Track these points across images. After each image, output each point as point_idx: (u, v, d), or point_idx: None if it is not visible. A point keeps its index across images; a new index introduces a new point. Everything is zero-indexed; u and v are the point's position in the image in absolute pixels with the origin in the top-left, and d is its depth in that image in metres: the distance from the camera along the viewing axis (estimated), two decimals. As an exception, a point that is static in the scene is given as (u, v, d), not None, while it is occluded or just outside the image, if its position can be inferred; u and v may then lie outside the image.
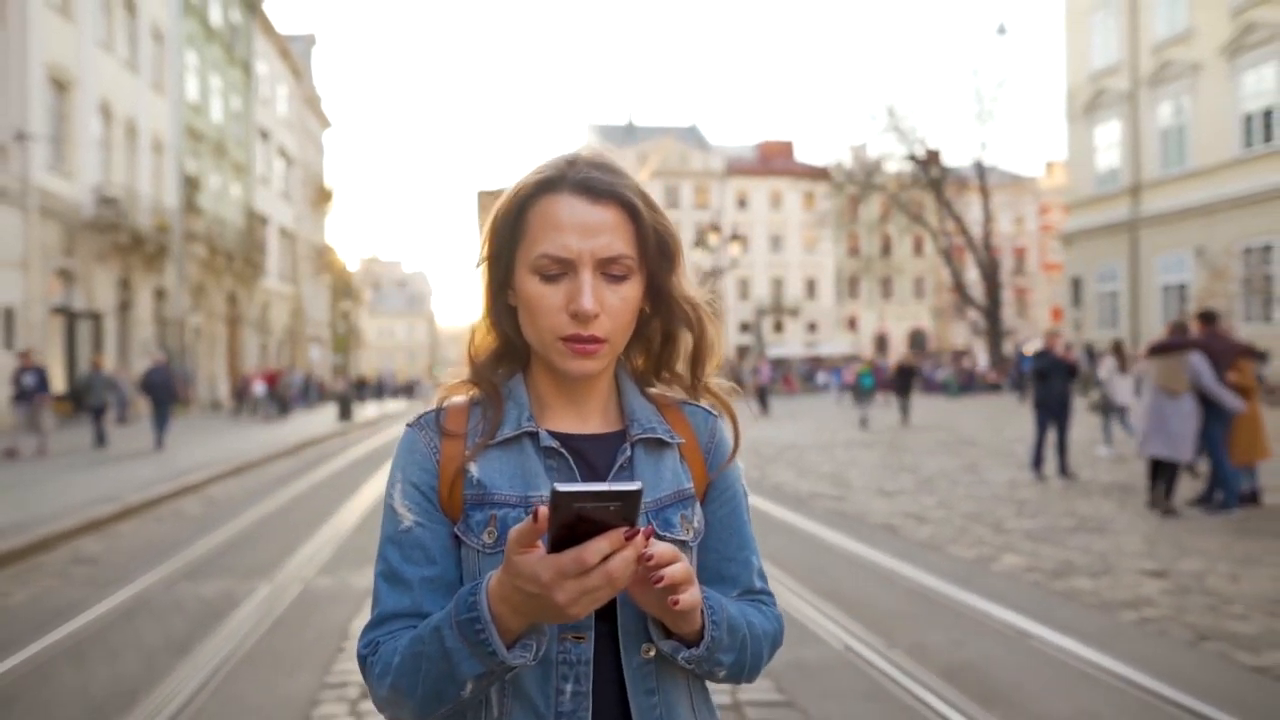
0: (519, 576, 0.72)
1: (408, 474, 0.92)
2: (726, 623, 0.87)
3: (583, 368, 0.89)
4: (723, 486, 1.00)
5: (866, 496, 8.37)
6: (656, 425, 0.95)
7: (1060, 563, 5.43)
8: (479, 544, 0.88)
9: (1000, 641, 3.97)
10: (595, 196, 0.88)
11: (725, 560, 0.98)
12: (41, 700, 3.49)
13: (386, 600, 0.88)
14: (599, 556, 0.70)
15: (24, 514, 7.33)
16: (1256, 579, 4.87)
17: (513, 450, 0.92)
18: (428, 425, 0.94)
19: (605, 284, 0.87)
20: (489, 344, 0.98)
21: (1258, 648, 3.77)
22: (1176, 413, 6.58)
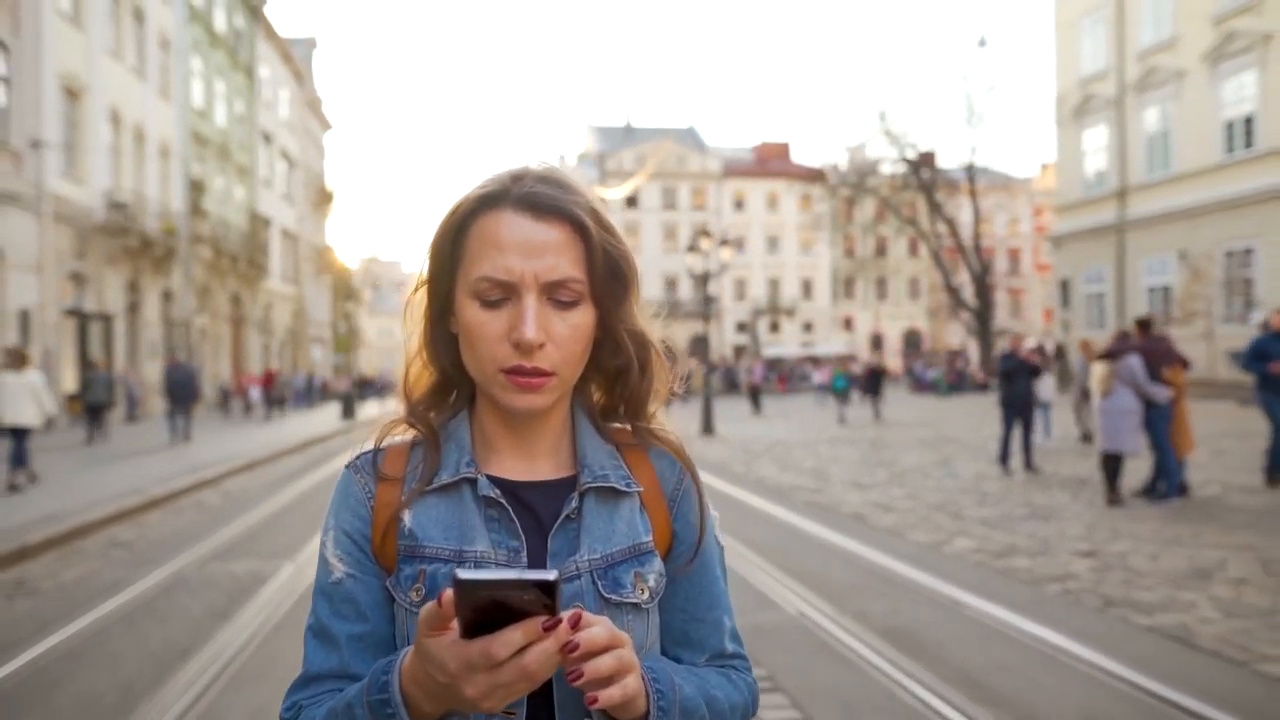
0: (428, 662, 0.66)
1: (340, 520, 0.85)
2: (679, 707, 0.78)
3: (527, 403, 0.81)
4: (691, 539, 0.89)
5: (842, 489, 8.96)
6: (610, 471, 0.86)
7: (1005, 545, 6.02)
8: (407, 601, 0.81)
9: (936, 609, 4.56)
10: (540, 213, 0.80)
11: (693, 621, 0.89)
12: (108, 654, 4.07)
13: (314, 659, 0.82)
14: (510, 649, 0.63)
15: (58, 505, 7.90)
16: (1172, 558, 5.46)
17: (451, 498, 0.84)
18: (364, 468, 0.87)
19: (552, 310, 0.80)
20: (426, 379, 0.89)
21: (1153, 611, 4.37)
22: (1117, 411, 7.19)
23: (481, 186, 0.83)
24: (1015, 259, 63.33)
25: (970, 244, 31.75)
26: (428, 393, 0.90)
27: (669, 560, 0.88)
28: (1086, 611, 4.45)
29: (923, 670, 3.61)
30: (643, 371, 0.89)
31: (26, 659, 3.97)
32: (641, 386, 0.89)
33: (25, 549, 6.12)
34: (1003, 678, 3.53)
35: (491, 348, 0.80)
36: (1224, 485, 8.16)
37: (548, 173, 0.84)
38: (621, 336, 0.86)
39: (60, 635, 4.33)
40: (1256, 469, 8.28)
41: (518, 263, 0.78)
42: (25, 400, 9.19)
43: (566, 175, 0.85)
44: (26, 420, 9.18)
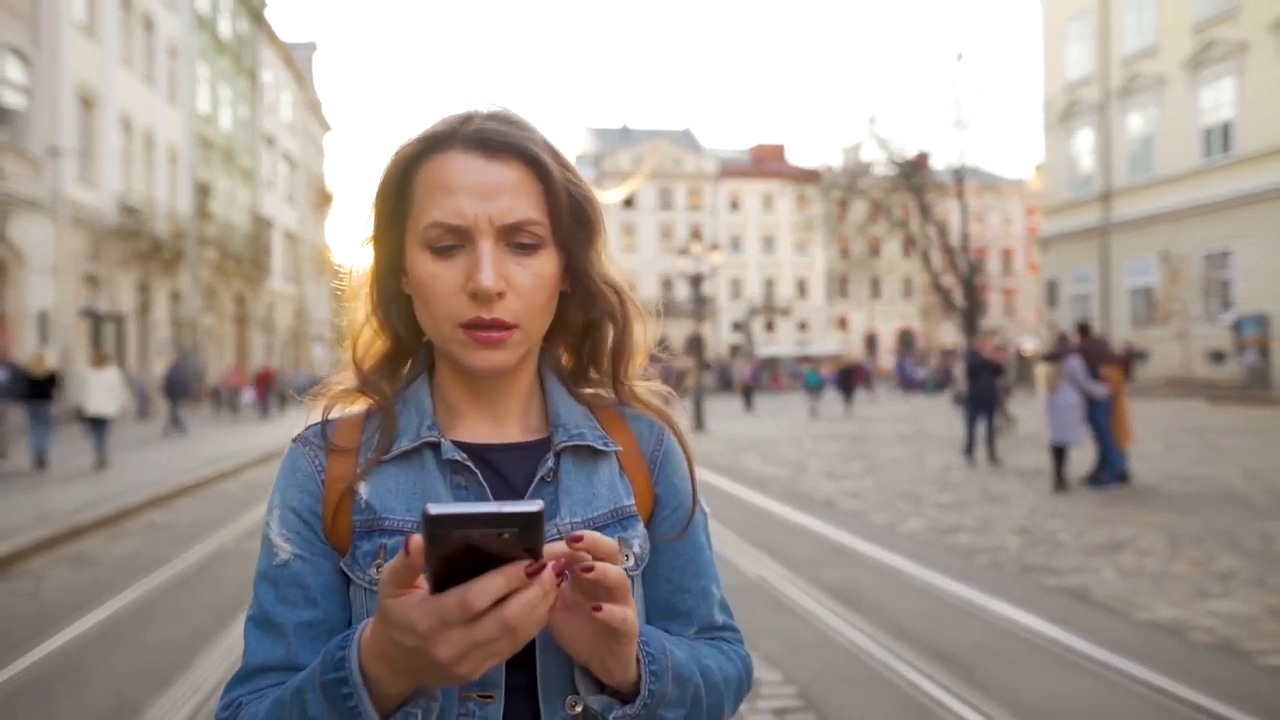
0: (393, 626, 0.57)
1: (287, 498, 0.77)
2: (671, 671, 0.71)
3: (488, 360, 0.74)
4: (674, 504, 0.84)
5: (818, 479, 9.70)
6: (586, 430, 0.81)
7: (953, 525, 6.76)
8: (365, 580, 0.73)
9: (879, 575, 5.30)
10: (492, 152, 0.73)
11: (679, 591, 0.84)
12: (174, 608, 4.80)
13: (256, 650, 0.73)
14: (489, 598, 0.54)
15: (94, 493, 8.61)
16: (1095, 534, 6.21)
17: (412, 466, 0.77)
18: (313, 440, 0.80)
19: (511, 257, 0.73)
20: (378, 347, 0.83)
21: (1062, 575, 5.11)
22: (1061, 406, 7.93)
23: (425, 129, 0.76)
24: (1008, 259, 64.11)
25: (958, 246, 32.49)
26: (380, 361, 0.83)
27: (652, 526, 0.83)
28: (1006, 575, 5.19)
29: (858, 619, 4.34)
30: (620, 324, 0.82)
31: (106, 613, 4.70)
32: (620, 341, 0.83)
33: (77, 528, 6.84)
34: (923, 623, 4.27)
35: (446, 302, 0.73)
36: (1166, 475, 8.90)
37: (498, 110, 0.77)
38: (594, 285, 0.79)
39: (128, 596, 5.05)
40: (1204, 461, 9.02)
41: (470, 205, 0.72)
42: (106, 395, 10.55)
43: (518, 113, 0.78)
44: (107, 411, 10.64)
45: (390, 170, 0.77)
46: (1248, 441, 11.62)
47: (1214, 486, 8.09)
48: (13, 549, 5.96)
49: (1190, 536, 6.00)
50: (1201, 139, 25.46)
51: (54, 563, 6.03)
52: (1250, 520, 6.48)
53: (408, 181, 0.76)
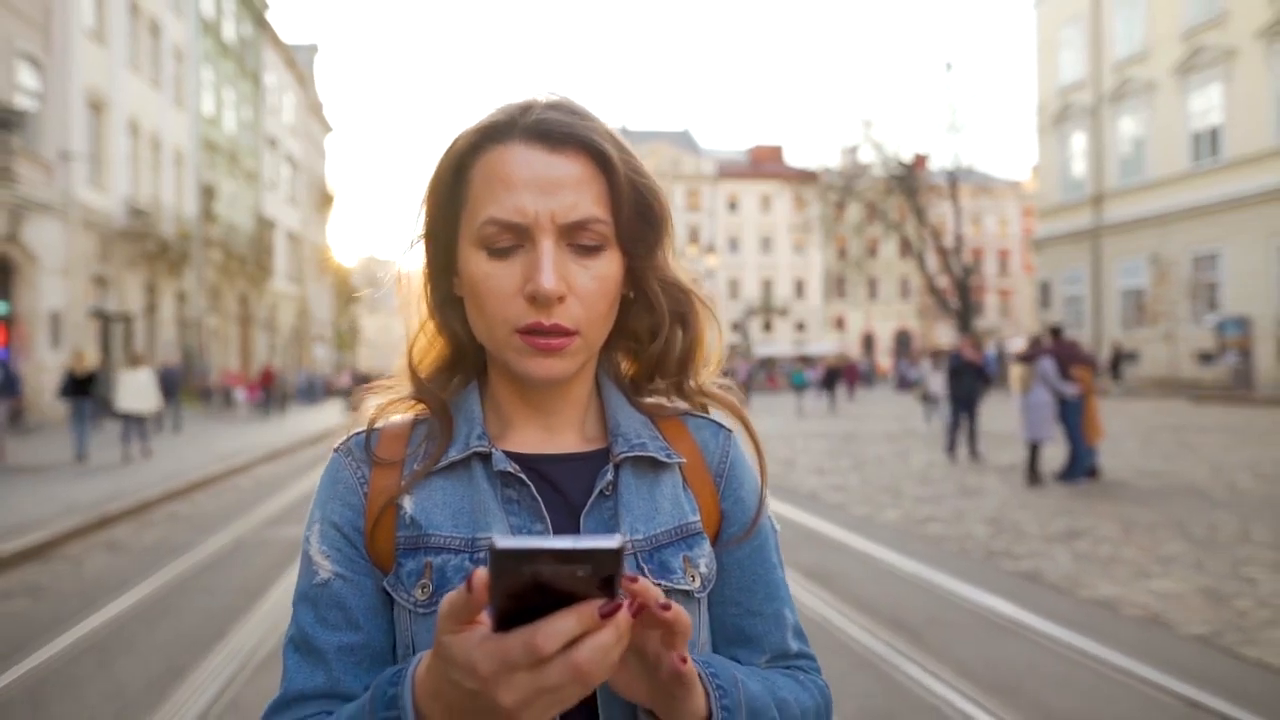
0: (452, 665, 0.52)
1: (328, 512, 0.73)
2: (745, 707, 0.65)
3: (547, 370, 0.69)
4: (743, 520, 0.78)
5: (805, 474, 10.14)
6: (648, 440, 0.76)
7: (927, 516, 7.21)
8: (410, 601, 0.69)
9: (853, 559, 5.74)
10: (555, 144, 0.69)
11: (749, 616, 0.77)
12: (205, 587, 5.25)
13: (295, 676, 0.69)
14: (560, 641, 0.49)
15: (114, 487, 9.05)
16: (1057, 524, 6.66)
17: (460, 479, 0.73)
18: (355, 450, 0.76)
19: (572, 258, 0.69)
20: (437, 350, 0.79)
21: (1020, 559, 5.56)
22: (1034, 405, 8.39)
23: (482, 119, 0.72)
24: (1005, 260, 64.59)
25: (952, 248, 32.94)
26: (439, 366, 0.79)
27: (718, 544, 0.78)
28: (970, 561, 5.63)
29: (826, 594, 4.79)
30: (685, 329, 0.78)
31: (145, 591, 5.14)
32: (691, 346, 0.78)
33: (108, 517, 7.28)
34: (884, 598, 4.71)
35: (502, 305, 0.69)
36: (1135, 470, 9.35)
37: (559, 100, 0.73)
38: (655, 290, 0.75)
39: (163, 577, 5.49)
40: (1173, 458, 9.47)
41: (530, 201, 0.67)
42: (140, 393, 11.41)
43: (580, 103, 0.74)
44: (142, 408, 11.58)
45: (444, 163, 0.73)
46: (1221, 439, 12.08)
47: (1177, 481, 8.54)
48: (53, 535, 6.41)
49: (1144, 525, 6.45)
50: (1190, 143, 25.91)
51: (89, 548, 6.48)
52: (1203, 511, 6.93)
53: (463, 175, 0.71)
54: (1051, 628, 4.13)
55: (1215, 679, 3.43)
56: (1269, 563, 5.26)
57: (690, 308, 0.78)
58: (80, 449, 11.16)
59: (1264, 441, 11.70)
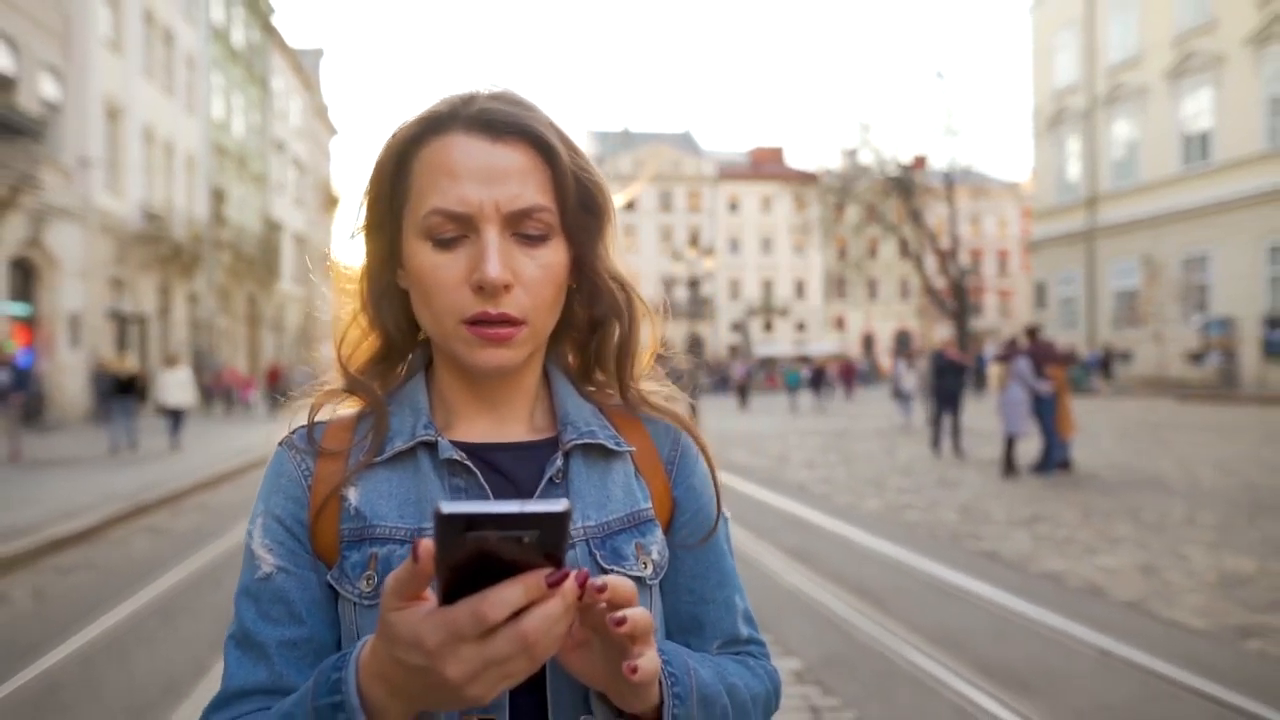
0: (396, 642, 0.52)
1: (270, 505, 0.72)
2: (696, 693, 0.66)
3: (495, 359, 0.69)
4: (694, 507, 0.79)
5: (796, 468, 10.69)
6: (598, 429, 0.76)
7: (904, 504, 7.76)
8: (354, 594, 0.68)
9: (832, 541, 6.30)
10: (498, 134, 0.69)
11: (701, 603, 0.78)
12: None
13: (236, 672, 0.68)
14: (507, 609, 0.49)
15: (147, 479, 9.62)
16: (1022, 510, 7.21)
17: (405, 469, 0.72)
18: (300, 443, 0.75)
19: (518, 248, 0.69)
20: (367, 347, 0.78)
21: (982, 541, 6.11)
22: (1010, 401, 8.94)
23: (425, 109, 0.71)
24: (1004, 260, 65.04)
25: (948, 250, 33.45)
26: (369, 361, 0.78)
27: (670, 533, 0.78)
28: (938, 542, 6.18)
29: (808, 570, 5.34)
30: (626, 322, 0.78)
31: (187, 570, 5.70)
32: (626, 340, 0.78)
33: (142, 506, 7.85)
34: (854, 572, 5.26)
35: (449, 296, 0.68)
36: (1107, 464, 9.90)
37: (501, 91, 0.72)
38: (601, 279, 0.75)
39: (205, 557, 6.06)
40: (1146, 453, 10.00)
41: (474, 191, 0.67)
42: (179, 390, 12.62)
43: (522, 94, 0.73)
44: (181, 403, 12.75)
45: (386, 154, 0.72)
46: (1196, 436, 12.61)
47: (1144, 474, 9.09)
48: (100, 520, 6.99)
49: (1101, 512, 7.00)
50: (1182, 147, 26.41)
51: (132, 532, 7.05)
52: (1159, 500, 7.48)
53: (405, 166, 0.71)
54: (1000, 595, 4.68)
55: (1134, 635, 3.98)
56: (1205, 543, 5.81)
57: (629, 301, 0.78)
58: (123, 441, 12.17)
59: (1236, 438, 12.23)
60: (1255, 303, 22.39)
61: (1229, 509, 6.95)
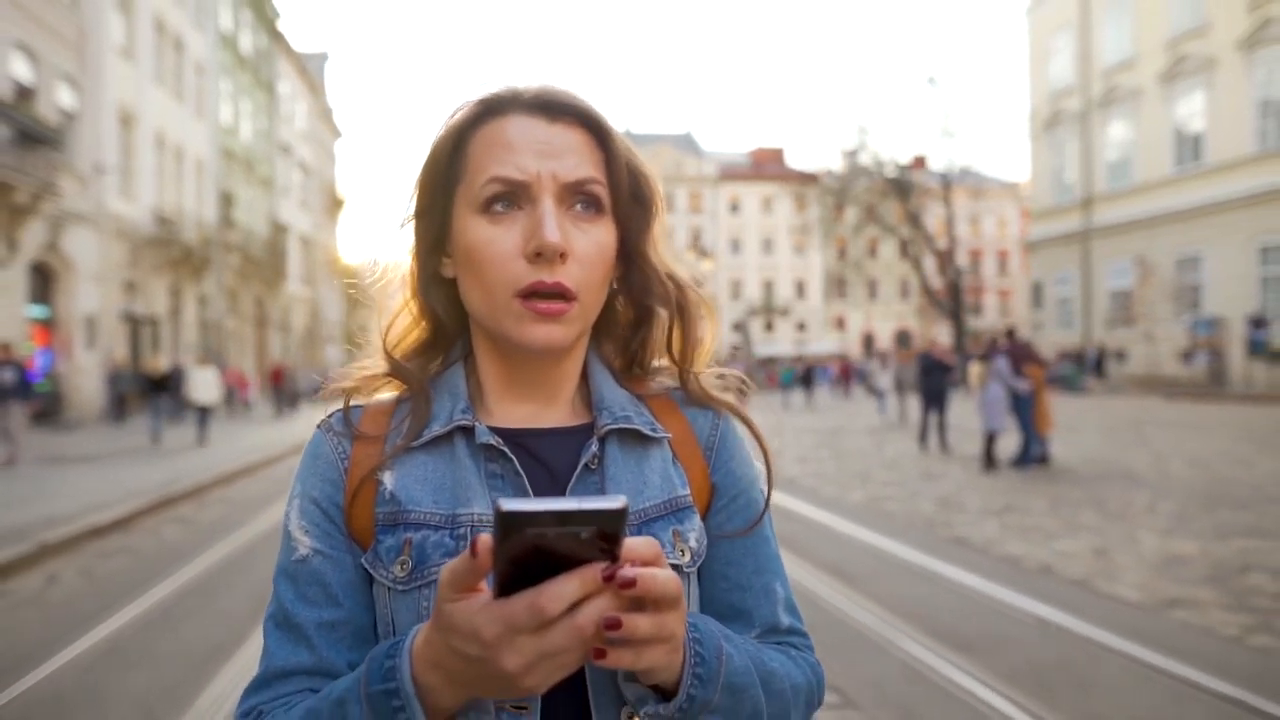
0: (453, 633, 0.53)
1: (308, 487, 0.74)
2: (723, 679, 0.64)
3: (546, 334, 0.69)
4: (732, 492, 0.79)
5: (789, 463, 11.15)
6: (633, 414, 0.76)
7: (885, 495, 8.22)
8: (389, 579, 0.69)
9: (811, 527, 6.76)
10: (555, 114, 0.71)
11: (738, 590, 0.77)
12: (266, 551, 6.28)
13: (276, 653, 0.69)
14: (564, 604, 0.50)
15: (165, 476, 10.11)
16: (996, 501, 7.67)
17: (442, 454, 0.73)
18: (337, 426, 0.76)
19: (572, 221, 0.69)
20: (418, 331, 0.79)
21: (955, 528, 6.57)
22: (989, 399, 9.39)
23: (482, 95, 0.73)
24: (1004, 260, 65.40)
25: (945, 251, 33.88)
26: (416, 349, 0.79)
27: (709, 518, 0.78)
28: (914, 529, 6.64)
29: (788, 553, 5.77)
30: (681, 314, 0.78)
31: (218, 555, 6.19)
32: (686, 331, 0.78)
33: (169, 498, 8.34)
34: (834, 556, 5.73)
35: (503, 267, 0.68)
36: (1084, 459, 10.35)
37: (549, 85, 0.74)
38: (651, 268, 0.76)
39: (234, 543, 6.54)
40: (1125, 448, 10.42)
41: (532, 162, 0.68)
42: (207, 388, 13.52)
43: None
44: (210, 400, 13.72)
45: (444, 138, 0.73)
46: (1175, 433, 13.05)
47: (1118, 468, 9.54)
48: (132, 510, 7.49)
49: (1070, 502, 7.46)
50: (1175, 148, 26.78)
51: (162, 522, 7.54)
52: (1127, 491, 7.93)
53: (462, 148, 0.72)
54: (960, 575, 5.15)
55: (1073, 606, 4.44)
56: (1159, 529, 6.26)
57: (685, 294, 0.78)
58: (160, 433, 13.53)
59: (1212, 435, 12.67)
60: (1248, 302, 22.76)
61: (1189, 499, 7.40)
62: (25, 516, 7.02)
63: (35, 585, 5.40)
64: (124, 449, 12.51)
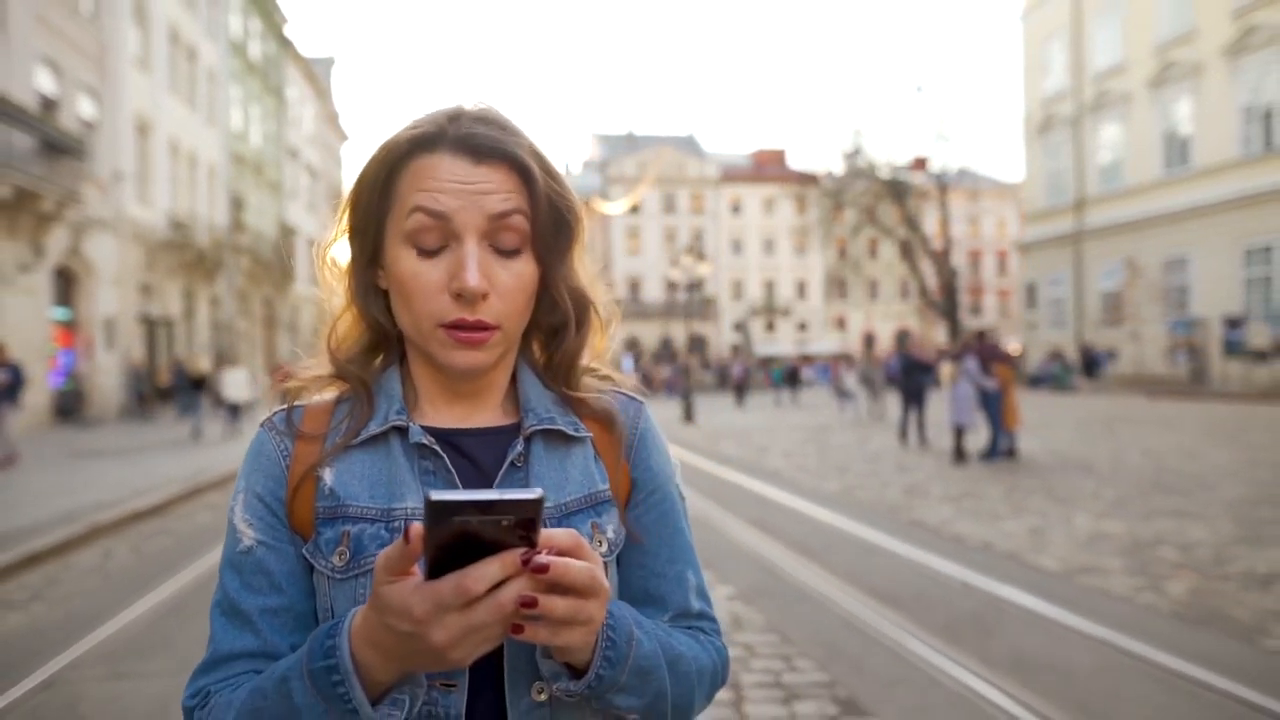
0: (388, 612, 0.59)
1: (251, 482, 0.79)
2: (631, 662, 0.71)
3: (469, 360, 0.76)
4: (650, 487, 0.86)
5: (775, 457, 11.84)
6: (557, 415, 0.83)
7: (857, 485, 8.91)
8: (328, 568, 0.75)
9: (788, 515, 7.45)
10: (480, 156, 0.75)
11: (653, 577, 0.84)
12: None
13: (222, 638, 0.75)
14: (486, 584, 0.57)
15: (189, 469, 10.84)
16: (958, 489, 8.35)
17: (378, 452, 0.79)
18: (279, 425, 0.81)
19: (494, 259, 0.75)
20: (356, 334, 0.85)
21: (915, 513, 7.26)
22: (959, 396, 10.08)
23: (413, 127, 0.77)
24: (1003, 261, 65.89)
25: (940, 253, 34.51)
26: (359, 350, 0.85)
27: (628, 510, 0.84)
28: (879, 514, 7.33)
29: (762, 535, 6.50)
30: (577, 330, 0.85)
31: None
32: (572, 346, 0.85)
33: (199, 488, 9.07)
34: (800, 535, 6.42)
35: (429, 301, 0.75)
36: (1050, 452, 11.03)
37: (485, 112, 0.79)
38: (559, 293, 0.83)
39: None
40: (1091, 443, 11.08)
41: (456, 201, 0.74)
42: (238, 387, 14.57)
43: (505, 115, 0.80)
44: (243, 398, 14.93)
45: (374, 165, 0.78)
46: (1143, 429, 13.71)
47: (1077, 459, 10.22)
48: (167, 497, 8.22)
49: (1023, 490, 8.15)
50: (1163, 152, 27.36)
51: (194, 508, 8.27)
52: (1078, 480, 8.61)
53: (392, 178, 0.77)
54: (907, 549, 5.84)
55: (996, 572, 5.13)
56: (1095, 512, 6.95)
57: (585, 313, 0.85)
58: (199, 427, 14.68)
59: (1176, 430, 13.34)
60: (1232, 303, 23.35)
61: (1131, 486, 8.09)
62: (74, 503, 7.76)
63: (94, 559, 6.13)
64: (153, 443, 13.26)
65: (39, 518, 6.99)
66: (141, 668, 3.84)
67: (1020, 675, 3.50)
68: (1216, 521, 6.45)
